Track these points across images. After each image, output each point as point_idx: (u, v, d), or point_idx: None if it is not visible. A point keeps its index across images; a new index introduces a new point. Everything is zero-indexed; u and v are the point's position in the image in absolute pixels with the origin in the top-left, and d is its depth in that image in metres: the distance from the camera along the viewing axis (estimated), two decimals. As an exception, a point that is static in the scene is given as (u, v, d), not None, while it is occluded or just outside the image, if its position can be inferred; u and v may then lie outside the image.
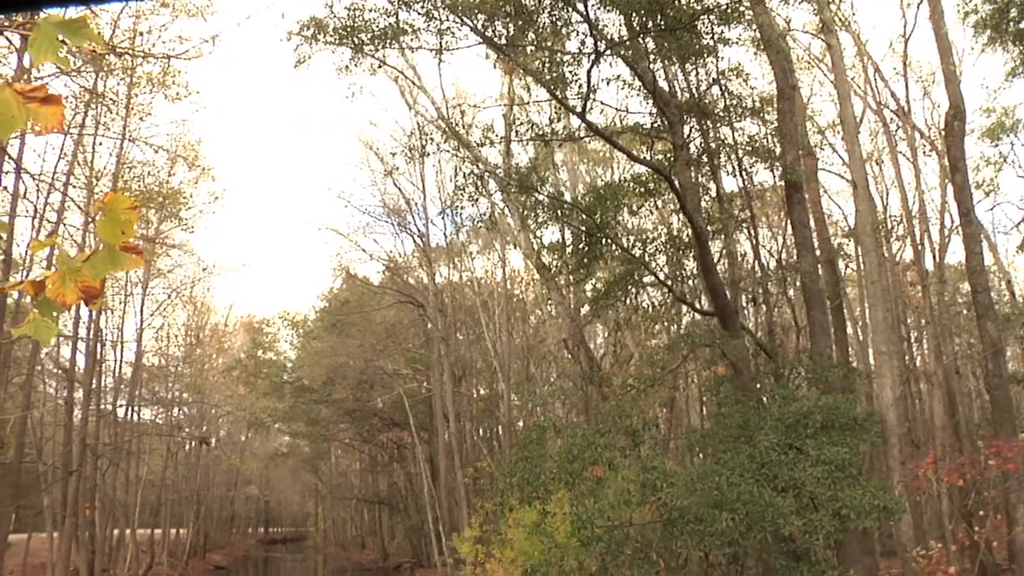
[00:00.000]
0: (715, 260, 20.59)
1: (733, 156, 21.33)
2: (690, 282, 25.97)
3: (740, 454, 11.86)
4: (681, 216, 21.48)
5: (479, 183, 22.54)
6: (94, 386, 37.92)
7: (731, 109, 20.39)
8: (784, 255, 25.42)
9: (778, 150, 19.89)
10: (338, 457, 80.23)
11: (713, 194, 21.62)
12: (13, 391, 32.46)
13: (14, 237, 27.20)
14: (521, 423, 40.68)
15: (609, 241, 20.53)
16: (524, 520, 17.62)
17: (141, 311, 45.79)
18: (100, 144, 32.47)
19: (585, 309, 28.97)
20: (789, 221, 20.53)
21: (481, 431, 50.39)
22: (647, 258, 21.57)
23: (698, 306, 23.22)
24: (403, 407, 46.25)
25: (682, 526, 10.61)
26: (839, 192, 35.63)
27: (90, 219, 30.40)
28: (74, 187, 31.25)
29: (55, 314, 2.51)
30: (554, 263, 25.41)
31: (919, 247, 29.66)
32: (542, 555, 12.95)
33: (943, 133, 21.19)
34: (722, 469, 11.01)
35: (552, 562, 12.17)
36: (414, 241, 46.90)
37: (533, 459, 13.77)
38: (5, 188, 26.13)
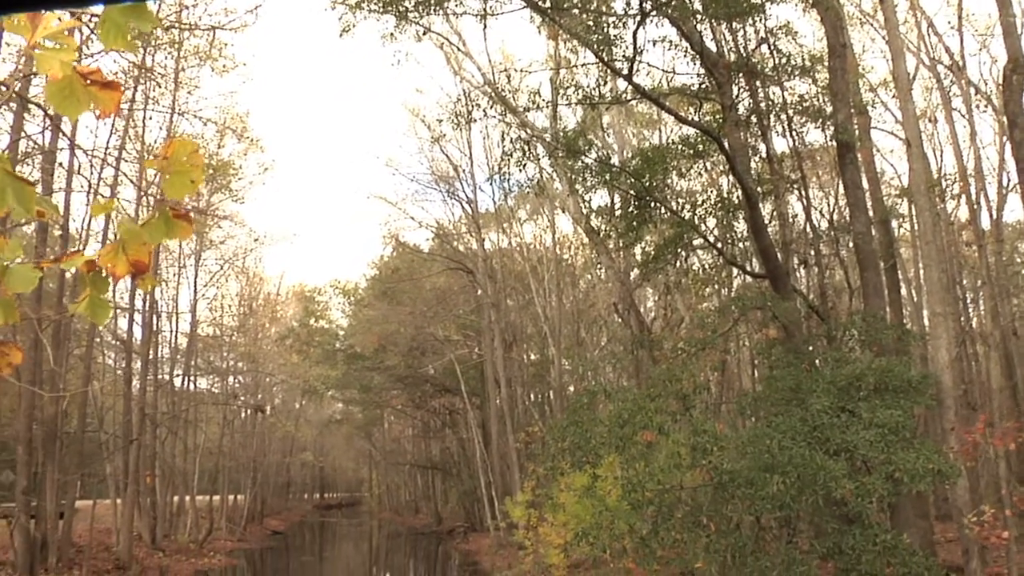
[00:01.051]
0: (766, 222, 20.33)
1: (783, 116, 21.00)
2: (740, 244, 25.77)
3: (792, 417, 11.77)
4: (731, 178, 21.29)
5: (526, 148, 22.47)
6: (151, 357, 38.63)
7: (780, 68, 20.04)
8: (836, 216, 25.06)
9: (829, 109, 19.54)
10: (391, 423, 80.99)
11: (763, 155, 21.32)
12: (74, 363, 33.17)
13: (70, 212, 27.68)
14: (572, 388, 40.73)
15: (658, 204, 20.40)
16: (575, 484, 17.69)
17: (195, 282, 46.50)
18: (150, 118, 32.82)
19: (635, 273, 28.85)
20: (841, 181, 20.21)
21: (532, 396, 50.54)
22: (697, 221, 21.41)
23: (749, 268, 23.02)
24: (455, 373, 46.54)
25: (733, 490, 10.56)
26: (892, 151, 35.00)
27: (143, 193, 30.87)
28: (126, 162, 31.68)
29: (106, 291, 2.57)
30: (603, 227, 25.31)
31: (975, 206, 29.06)
32: (593, 519, 12.99)
33: (1000, 88, 20.64)
34: (773, 432, 10.93)
35: (603, 525, 12.20)
36: (462, 208, 47.00)
37: (584, 423, 13.77)
38: (60, 164, 26.55)
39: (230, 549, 43.88)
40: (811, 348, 17.25)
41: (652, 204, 20.25)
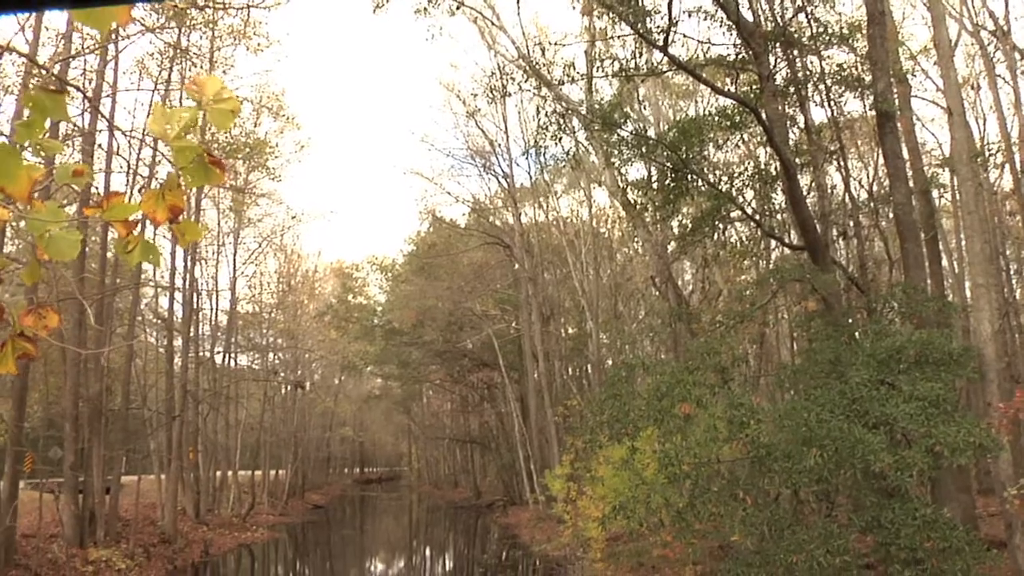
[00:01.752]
0: (804, 193, 20.13)
1: (821, 86, 20.71)
2: (779, 216, 25.55)
3: (831, 390, 11.68)
4: (768, 149, 21.06)
5: (562, 122, 22.37)
6: (192, 334, 39.08)
7: (818, 37, 19.73)
8: (876, 186, 24.77)
9: (868, 78, 19.23)
10: (430, 398, 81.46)
11: (801, 125, 21.07)
12: (117, 342, 33.64)
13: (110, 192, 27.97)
14: (610, 361, 40.74)
15: (695, 176, 20.24)
16: (613, 457, 17.71)
17: (234, 260, 46.97)
18: (186, 98, 33.01)
19: (672, 246, 28.69)
20: (881, 151, 19.94)
21: (570, 370, 50.59)
22: (734, 193, 21.23)
23: (787, 240, 22.82)
24: (492, 347, 46.68)
25: (770, 463, 10.51)
26: (933, 119, 34.53)
27: (179, 171, 31.00)
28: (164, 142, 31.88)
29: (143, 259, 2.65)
30: (640, 200, 25.17)
31: (1019, 175, 28.53)
32: (629, 492, 13.01)
33: (1047, 53, 20.23)
34: (812, 405, 10.86)
35: (640, 499, 12.21)
36: (499, 182, 46.98)
37: (622, 397, 13.75)
38: (100, 146, 26.84)
39: (272, 523, 44.48)
40: (851, 320, 17.11)
41: (689, 176, 20.08)
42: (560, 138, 23.04)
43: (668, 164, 20.25)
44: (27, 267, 2.63)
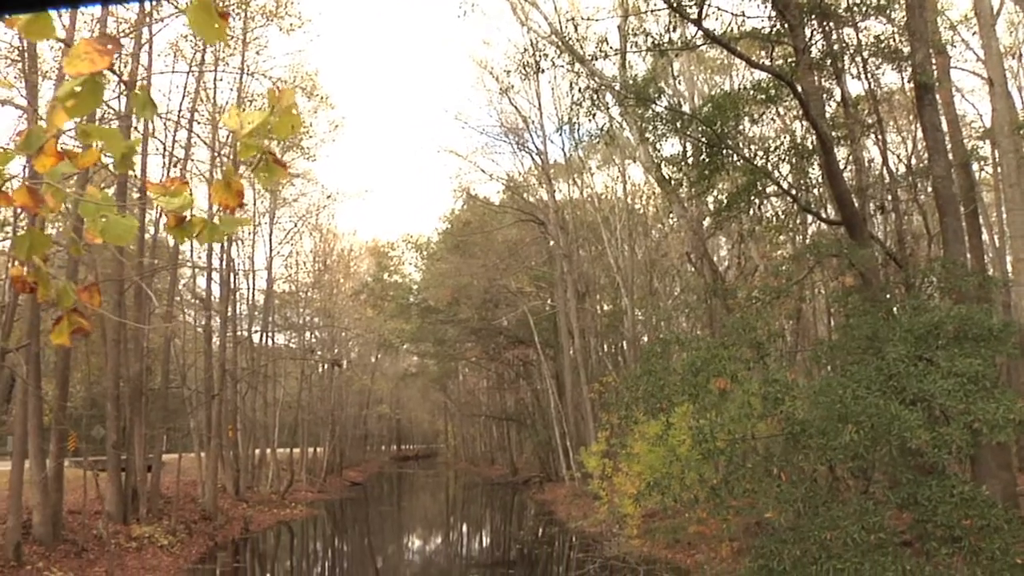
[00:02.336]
0: (841, 167, 19.90)
1: (858, 58, 20.44)
2: (815, 191, 25.29)
3: (867, 366, 11.57)
4: (804, 123, 20.83)
5: (596, 98, 22.25)
6: (230, 314, 39.48)
7: (855, 8, 19.45)
8: (914, 160, 24.45)
9: (906, 49, 18.94)
10: (465, 375, 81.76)
11: (838, 98, 20.82)
12: (156, 322, 34.04)
13: (147, 174, 28.26)
14: (645, 338, 40.62)
15: (730, 151, 20.06)
16: (648, 433, 17.69)
17: (270, 240, 47.31)
18: (220, 80, 33.23)
19: (707, 221, 28.50)
20: (919, 124, 19.66)
21: (606, 347, 50.55)
22: (770, 167, 21.03)
23: (824, 215, 22.59)
24: (528, 325, 46.73)
25: (805, 439, 10.45)
26: (973, 90, 34.04)
27: (216, 153, 31.28)
28: (198, 123, 32.18)
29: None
30: (674, 176, 25.01)
31: (1063, 146, 28.01)
32: (664, 468, 13.00)
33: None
34: (848, 382, 10.76)
35: (674, 475, 12.20)
36: (532, 159, 46.87)
37: (657, 372, 13.70)
38: (136, 128, 27.06)
39: (310, 500, 44.92)
40: (888, 296, 16.94)
41: (724, 151, 19.92)
42: (594, 114, 22.93)
43: (703, 139, 20.09)
44: (70, 243, 2.74)
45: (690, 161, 23.50)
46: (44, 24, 2.36)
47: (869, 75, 20.79)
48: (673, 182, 25.20)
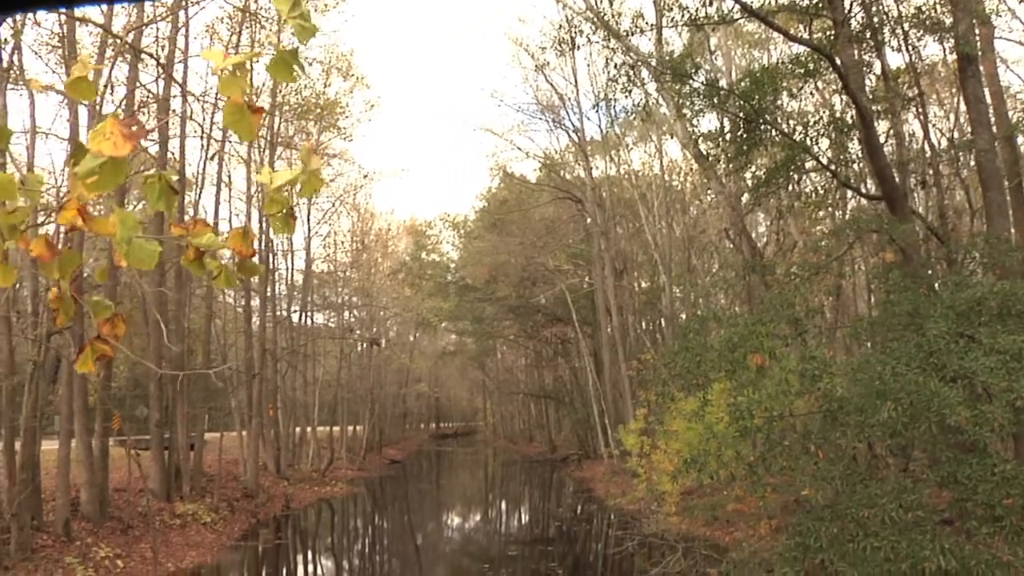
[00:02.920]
0: (881, 141, 19.62)
1: (899, 30, 20.09)
2: (855, 166, 24.99)
3: (907, 343, 11.44)
4: (844, 97, 20.55)
5: (632, 74, 22.09)
6: (269, 294, 39.80)
7: (896, -22, 19.13)
8: (957, 133, 24.05)
9: (949, 20, 18.59)
10: (504, 353, 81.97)
11: (878, 72, 20.49)
12: (197, 304, 34.41)
13: (185, 156, 28.54)
14: (683, 315, 40.44)
15: (768, 126, 19.84)
16: (686, 410, 17.65)
17: (308, 220, 47.57)
18: (257, 63, 33.37)
19: (746, 197, 28.23)
20: (962, 96, 19.33)
21: (644, 324, 50.43)
22: (809, 142, 20.76)
23: (864, 190, 22.32)
24: (565, 302, 46.71)
25: (843, 417, 10.36)
26: (1018, 61, 33.26)
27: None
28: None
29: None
30: (712, 151, 24.78)
31: (1111, 117, 27.42)
32: (701, 445, 12.97)
33: None
34: (886, 358, 10.64)
35: (711, 452, 12.16)
36: (569, 136, 46.72)
37: (694, 349, 13.64)
38: (174, 111, 27.30)
39: (351, 477, 45.35)
40: (930, 272, 16.70)
41: (762, 126, 19.70)
42: (630, 90, 22.79)
43: (741, 114, 19.88)
44: (99, 267, 2.80)
45: (728, 137, 23.27)
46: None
47: (910, 47, 20.45)
48: (711, 158, 24.98)
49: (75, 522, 20.39)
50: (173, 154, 27.41)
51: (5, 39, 18.25)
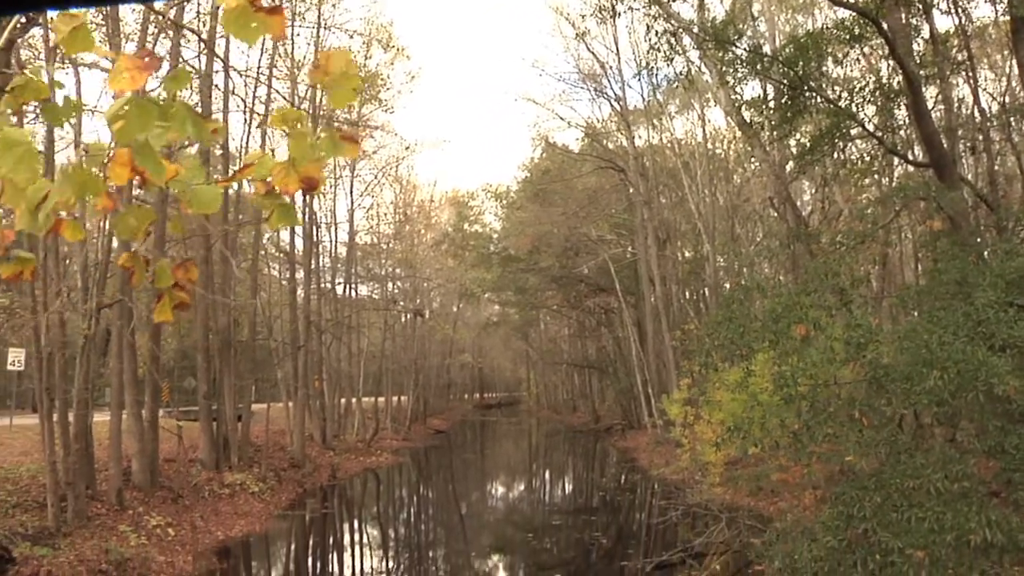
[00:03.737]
0: (929, 107, 19.28)
1: (948, -9, 19.68)
2: (902, 132, 24.55)
3: (955, 312, 11.28)
4: (891, 62, 20.18)
5: (673, 41, 21.85)
6: (313, 266, 40.11)
7: (945, -61, 18.71)
8: (1008, 98, 23.54)
9: (1000, -19, 18.18)
10: (547, 324, 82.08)
11: (926, 35, 20.10)
12: (242, 276, 34.77)
13: (228, 131, 28.75)
14: (727, 285, 40.23)
15: (813, 93, 19.57)
16: (729, 380, 17.56)
17: (351, 192, 47.85)
18: (298, 35, 33.55)
19: (790, 165, 27.95)
20: (1015, 59, 18.90)
21: (687, 294, 50.21)
22: (854, 109, 20.44)
23: (911, 157, 21.99)
24: (609, 272, 46.61)
25: (889, 384, 10.26)
26: (1074, 21, 32.34)
27: (295, 108, 31.56)
28: (277, 79, 32.55)
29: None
30: (756, 119, 24.53)
31: None
32: (744, 413, 12.91)
33: None
34: (933, 327, 10.50)
35: (755, 419, 12.11)
36: (611, 105, 46.46)
37: (737, 319, 13.55)
38: (216, 86, 27.47)
39: (396, 447, 45.76)
40: (979, 240, 16.45)
41: (806, 93, 19.43)
42: (672, 58, 22.53)
43: (785, 81, 19.62)
44: (174, 220, 2.82)
45: (771, 104, 23.00)
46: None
47: (960, 9, 20.03)
48: (754, 125, 24.74)
49: (127, 491, 20.80)
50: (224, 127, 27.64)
51: (51, 17, 18.43)
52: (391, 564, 21.57)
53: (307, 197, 34.42)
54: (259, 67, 31.60)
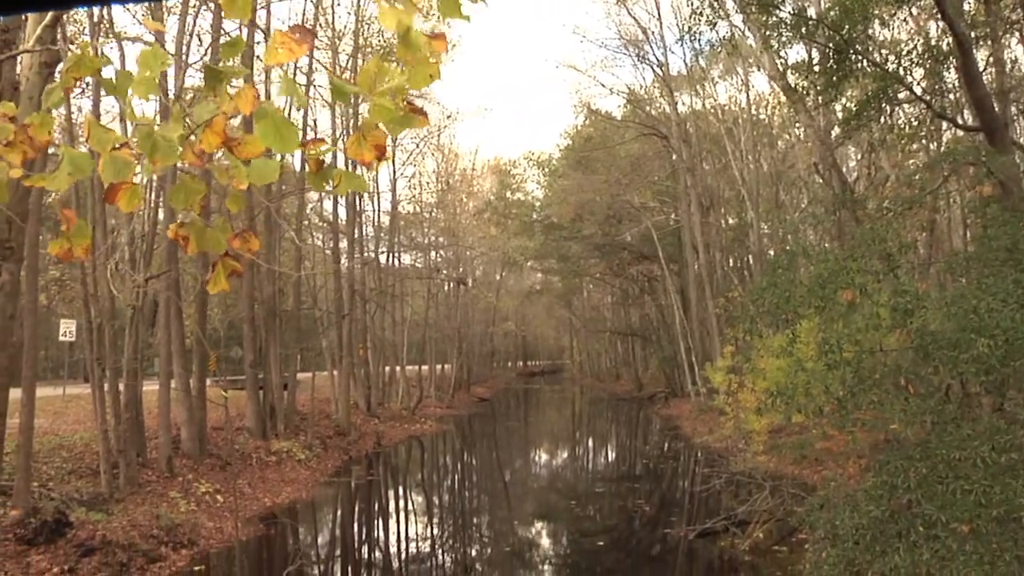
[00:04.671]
0: (980, 69, 18.86)
1: (1000, -52, 19.19)
2: (951, 96, 24.10)
3: (1005, 279, 11.09)
4: (940, 23, 19.80)
5: (716, 5, 21.60)
6: (356, 236, 40.30)
7: None
8: (1063, 58, 22.96)
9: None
10: (590, 292, 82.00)
11: (977, -5, 19.65)
12: (286, 246, 35.05)
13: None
14: (771, 252, 39.86)
15: (859, 56, 19.22)
16: (773, 347, 17.44)
17: (393, 162, 47.94)
18: (339, 4, 33.57)
19: (836, 131, 27.53)
20: (1069, 18, 18.44)
21: (731, 261, 49.90)
22: (902, 72, 20.07)
23: (960, 121, 21.55)
24: (651, 240, 46.41)
25: (935, 351, 10.12)
26: None
27: (337, 77, 31.61)
28: (319, 48, 32.57)
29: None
30: (800, 84, 24.15)
31: None
32: (788, 379, 12.83)
33: None
34: (982, 294, 10.33)
35: (798, 385, 12.02)
36: (653, 71, 46.07)
37: (782, 285, 13.43)
38: (258, 57, 27.54)
39: (439, 415, 46.11)
40: (1030, 205, 16.12)
41: (852, 57, 19.08)
42: (715, 23, 22.29)
43: (830, 45, 19.30)
44: (231, 196, 2.85)
45: (816, 68, 22.61)
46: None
47: (1012, -33, 19.53)
48: (799, 90, 24.35)
49: (176, 459, 21.19)
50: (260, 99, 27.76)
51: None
52: (435, 530, 21.79)
53: (349, 168, 34.64)
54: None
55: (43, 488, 16.16)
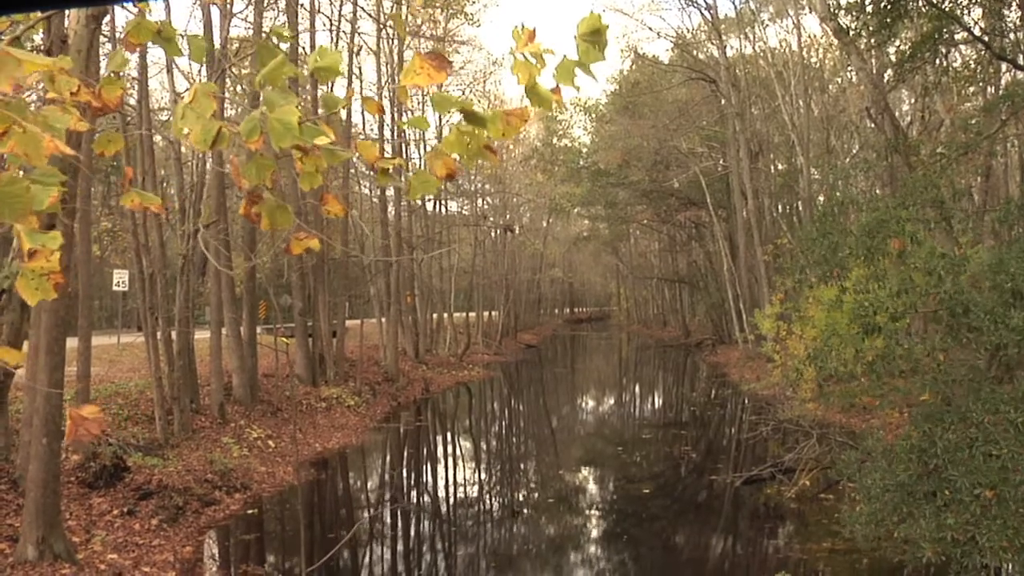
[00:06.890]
0: (1042, 7, 18.30)
1: None
2: (1011, 36, 23.42)
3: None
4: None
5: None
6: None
7: None
8: None
9: None
10: (637, 238, 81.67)
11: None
12: (333, 194, 35.17)
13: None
14: (821, 198, 39.32)
15: (914, -4, 18.75)
16: (823, 297, 17.28)
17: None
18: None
19: (889, 74, 26.96)
20: None
21: (780, 207, 49.33)
22: (959, 11, 19.55)
23: (1021, 62, 20.96)
24: (699, 186, 46.03)
25: (974, 320, 9.92)
26: None
27: (382, 25, 31.48)
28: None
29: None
30: (853, 25, 23.62)
31: None
32: (837, 330, 12.73)
33: None
34: (1020, 256, 10.07)
35: (833, 347, 11.95)
36: (701, 14, 45.47)
37: (832, 235, 13.28)
38: (302, 5, 27.54)
39: (487, 362, 46.42)
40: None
41: (907, -4, 18.62)
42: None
43: (884, -16, 18.83)
44: (305, 176, 2.95)
45: (869, 8, 22.08)
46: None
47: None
48: (851, 32, 23.82)
49: (228, 406, 21.60)
50: (304, 48, 27.76)
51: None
52: (483, 475, 22.07)
53: (396, 113, 34.58)
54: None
55: (101, 434, 16.57)
